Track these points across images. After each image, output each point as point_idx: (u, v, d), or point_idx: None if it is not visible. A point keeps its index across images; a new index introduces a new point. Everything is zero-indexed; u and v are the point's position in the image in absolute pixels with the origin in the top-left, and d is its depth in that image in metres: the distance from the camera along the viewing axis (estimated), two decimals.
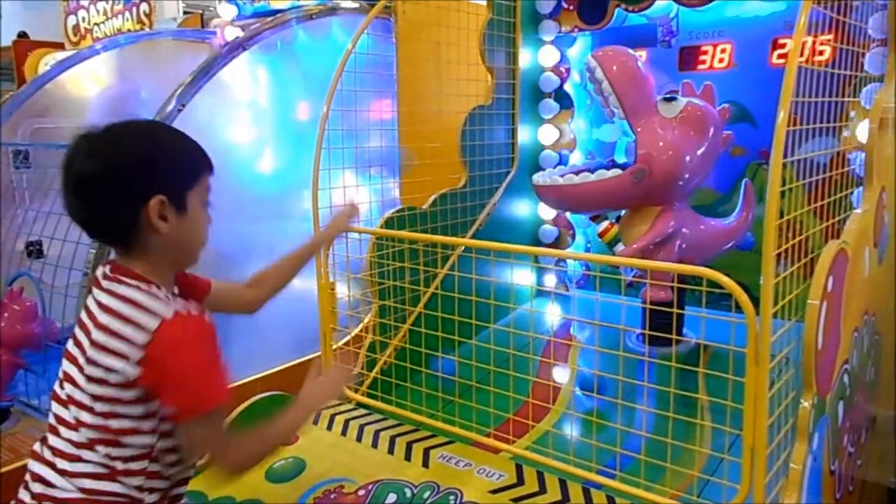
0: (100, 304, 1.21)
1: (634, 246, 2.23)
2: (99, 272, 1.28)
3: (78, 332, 1.25)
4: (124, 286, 1.21)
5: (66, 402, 1.22)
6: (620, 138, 2.40)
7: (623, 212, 2.45)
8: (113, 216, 1.21)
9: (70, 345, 1.26)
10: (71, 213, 1.24)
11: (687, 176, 2.27)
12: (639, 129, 2.23)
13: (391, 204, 2.49)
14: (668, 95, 2.29)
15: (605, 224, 2.35)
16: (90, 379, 1.18)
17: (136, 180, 1.19)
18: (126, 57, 3.87)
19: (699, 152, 2.26)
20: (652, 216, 2.29)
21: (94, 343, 1.18)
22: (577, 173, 2.27)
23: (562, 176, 2.29)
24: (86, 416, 1.19)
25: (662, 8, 2.60)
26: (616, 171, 2.18)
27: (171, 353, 1.17)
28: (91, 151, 1.19)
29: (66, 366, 1.24)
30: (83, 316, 1.26)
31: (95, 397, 1.18)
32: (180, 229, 1.24)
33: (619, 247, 2.38)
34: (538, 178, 2.38)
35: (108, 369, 1.16)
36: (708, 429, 1.73)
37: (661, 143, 2.21)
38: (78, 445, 1.20)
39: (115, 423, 1.19)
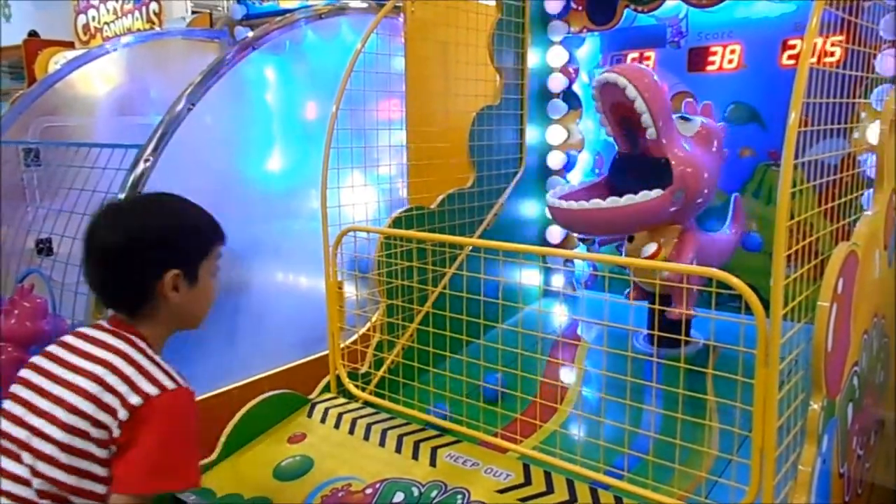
0: (89, 355, 1.24)
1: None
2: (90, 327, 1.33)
3: (42, 380, 1.25)
4: (124, 342, 1.27)
5: (17, 454, 1.20)
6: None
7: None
8: (130, 286, 1.30)
9: (25, 392, 1.25)
10: (89, 280, 1.33)
11: (712, 192, 2.29)
12: (670, 149, 2.17)
13: (399, 203, 2.49)
14: (683, 115, 2.31)
15: (653, 247, 2.21)
16: (72, 430, 1.18)
17: (155, 255, 1.29)
18: (135, 56, 3.89)
19: (716, 168, 2.29)
20: (670, 234, 2.27)
21: (84, 393, 1.19)
22: (582, 194, 2.20)
23: (587, 200, 2.13)
24: (44, 468, 1.18)
25: (672, 8, 2.59)
26: (658, 192, 2.09)
27: (162, 422, 1.20)
28: (115, 224, 1.29)
29: (25, 414, 1.22)
30: (48, 363, 1.27)
31: (70, 449, 1.18)
32: (190, 299, 1.34)
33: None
34: (556, 201, 2.22)
35: (96, 423, 1.18)
36: (716, 430, 1.72)
37: (692, 162, 2.19)
38: (24, 502, 1.18)
39: (72, 480, 1.18)
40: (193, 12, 5.80)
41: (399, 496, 1.71)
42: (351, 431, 2.02)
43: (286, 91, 3.08)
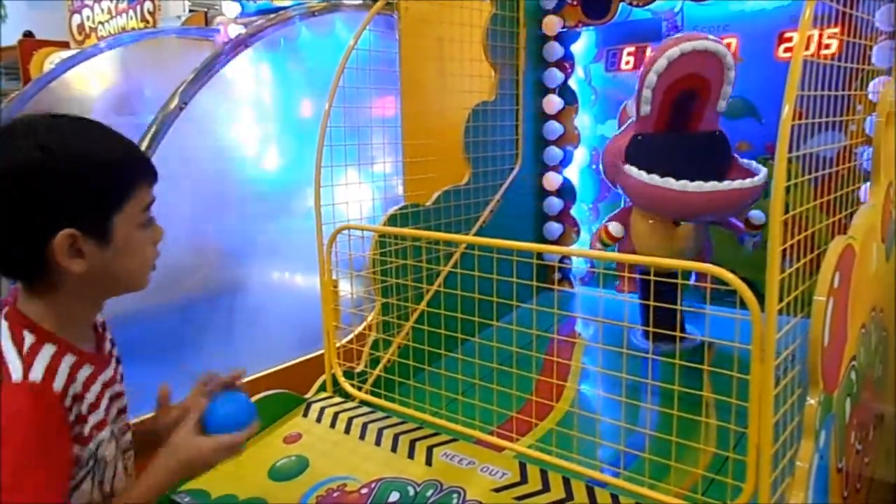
0: None
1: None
2: None
3: None
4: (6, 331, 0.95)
5: None
6: None
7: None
8: (8, 254, 0.94)
9: None
10: None
11: None
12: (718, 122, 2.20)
13: (394, 201, 2.48)
14: None
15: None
16: None
17: (31, 206, 0.90)
18: (130, 55, 3.88)
19: None
20: (686, 229, 2.26)
21: None
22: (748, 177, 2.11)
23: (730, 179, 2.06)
24: None
25: (667, 2, 2.58)
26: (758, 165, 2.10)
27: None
28: None
29: None
30: None
31: None
32: (105, 262, 0.97)
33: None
34: (657, 180, 2.06)
35: None
36: (713, 427, 1.71)
37: None
38: None
39: None
40: (191, 10, 5.78)
41: (394, 496, 1.70)
42: (347, 431, 2.01)
43: (280, 89, 3.07)
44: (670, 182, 2.04)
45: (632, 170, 2.15)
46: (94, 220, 0.95)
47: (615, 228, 2.32)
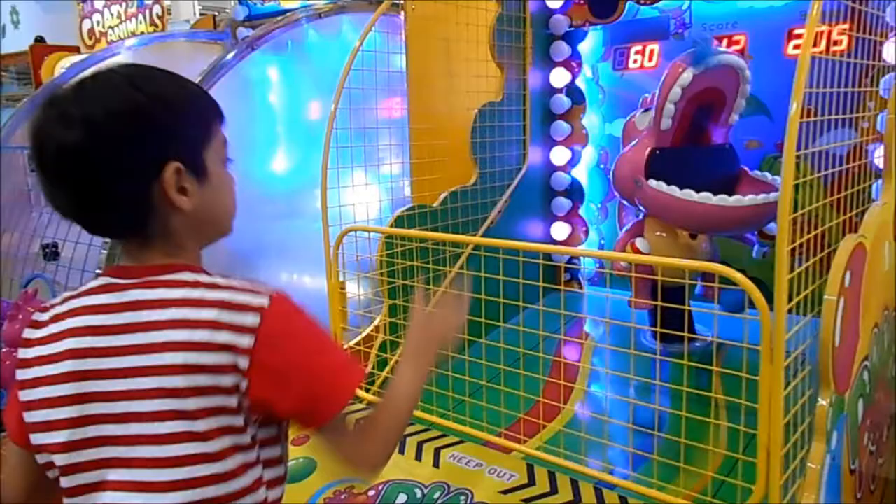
0: (149, 324, 0.87)
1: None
2: (99, 284, 0.93)
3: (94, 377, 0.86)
4: (177, 287, 0.90)
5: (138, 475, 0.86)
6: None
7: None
8: (118, 200, 0.90)
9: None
10: (56, 205, 0.92)
11: None
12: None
13: (401, 202, 2.47)
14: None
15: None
16: (195, 415, 0.85)
17: (137, 143, 0.89)
18: (139, 59, 3.89)
19: None
20: (700, 241, 2.25)
21: (174, 369, 0.85)
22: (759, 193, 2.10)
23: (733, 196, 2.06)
24: (183, 472, 0.85)
25: (675, 0, 2.56)
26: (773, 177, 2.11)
27: (291, 344, 0.89)
28: (66, 119, 0.87)
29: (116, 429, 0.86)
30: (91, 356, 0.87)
31: (207, 434, 0.85)
32: (205, 201, 0.95)
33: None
34: (678, 192, 2.09)
35: (216, 389, 0.85)
36: (723, 428, 1.69)
37: None
38: None
39: (229, 463, 0.86)
40: (201, 14, 5.81)
41: (402, 498, 1.69)
42: None
43: (288, 90, 3.08)
44: (707, 196, 2.04)
45: (660, 185, 2.13)
46: (193, 154, 0.94)
47: (642, 244, 2.29)
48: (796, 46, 2.38)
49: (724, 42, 2.52)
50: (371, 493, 1.73)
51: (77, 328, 0.91)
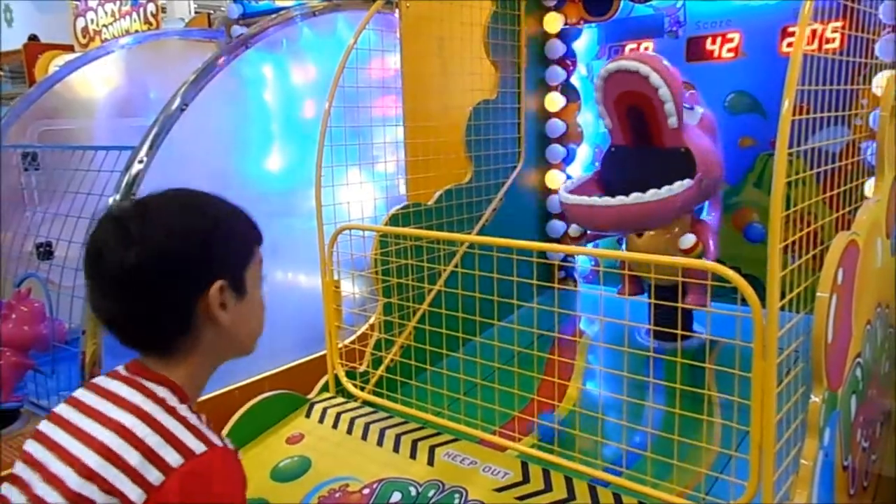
0: (100, 416, 0.95)
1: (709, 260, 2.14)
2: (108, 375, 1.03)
3: (42, 452, 0.96)
4: (147, 398, 0.96)
5: None
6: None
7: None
8: (163, 315, 0.98)
9: (23, 469, 0.98)
10: (100, 315, 1.01)
11: (721, 180, 2.30)
12: (688, 138, 2.16)
13: (396, 200, 2.47)
14: (686, 105, 2.28)
15: (692, 239, 2.12)
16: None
17: (192, 266, 0.97)
18: (133, 57, 3.88)
19: (721, 157, 2.29)
20: (685, 226, 2.24)
21: (84, 470, 0.90)
22: (590, 188, 2.21)
23: (576, 192, 2.17)
24: None
25: None
26: (689, 182, 2.07)
27: (192, 496, 0.90)
28: (129, 236, 0.94)
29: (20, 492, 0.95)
30: (52, 430, 0.99)
31: None
32: (240, 317, 1.03)
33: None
34: (573, 198, 2.17)
35: None
36: (717, 425, 1.70)
37: (709, 150, 2.20)
38: None
39: None
40: (196, 12, 5.80)
41: (396, 496, 1.70)
42: (349, 431, 2.01)
43: (282, 89, 3.06)
44: (593, 200, 2.12)
45: (564, 196, 2.23)
46: (236, 273, 1.03)
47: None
48: (790, 44, 2.38)
49: (718, 40, 2.53)
50: (365, 491, 1.73)
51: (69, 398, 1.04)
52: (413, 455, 1.84)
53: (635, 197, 2.04)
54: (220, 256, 1.01)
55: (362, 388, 2.17)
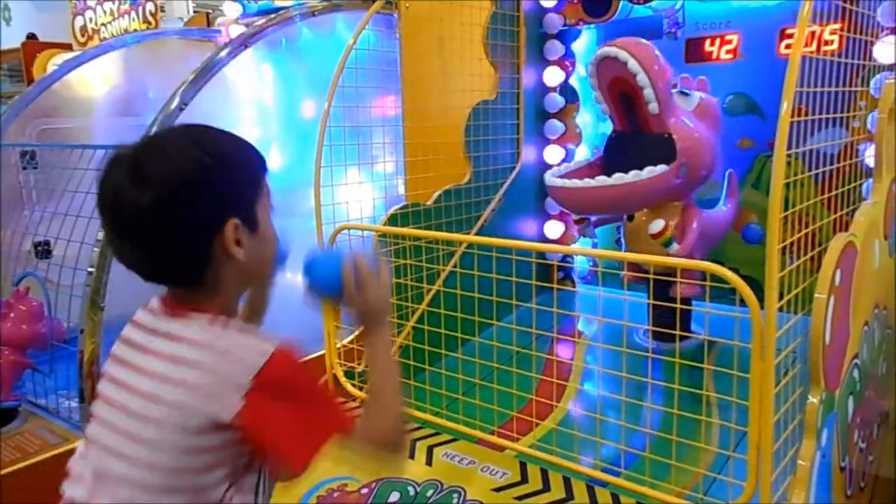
0: (164, 355, 1.00)
1: (679, 247, 2.16)
2: (144, 310, 1.08)
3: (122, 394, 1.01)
4: (198, 328, 1.00)
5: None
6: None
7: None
8: (182, 253, 1.01)
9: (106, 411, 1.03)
10: (120, 257, 1.04)
11: (714, 164, 2.28)
12: (672, 123, 2.17)
13: (395, 200, 2.47)
14: (682, 90, 2.28)
15: (660, 224, 2.19)
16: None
17: (206, 204, 0.99)
18: (132, 56, 3.87)
19: (717, 140, 2.28)
20: (675, 212, 2.25)
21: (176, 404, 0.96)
22: (582, 173, 2.22)
23: (566, 176, 2.22)
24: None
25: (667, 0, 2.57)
26: (663, 167, 2.09)
27: (287, 387, 0.98)
28: (141, 176, 0.96)
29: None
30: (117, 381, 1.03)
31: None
32: (256, 251, 1.05)
33: (674, 247, 2.18)
34: (557, 181, 2.21)
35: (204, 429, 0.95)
36: (715, 426, 1.70)
37: (696, 136, 2.19)
38: None
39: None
40: (195, 12, 5.79)
41: (395, 496, 1.70)
42: None
43: (282, 89, 3.06)
44: (574, 182, 2.15)
45: (549, 178, 2.26)
46: (247, 209, 1.04)
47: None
48: (788, 46, 2.39)
49: (717, 41, 2.53)
50: (364, 490, 1.73)
51: (121, 337, 1.08)
52: (411, 455, 1.85)
53: (603, 180, 2.08)
54: (233, 194, 1.02)
55: (361, 388, 2.17)
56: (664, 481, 1.56)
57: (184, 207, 0.97)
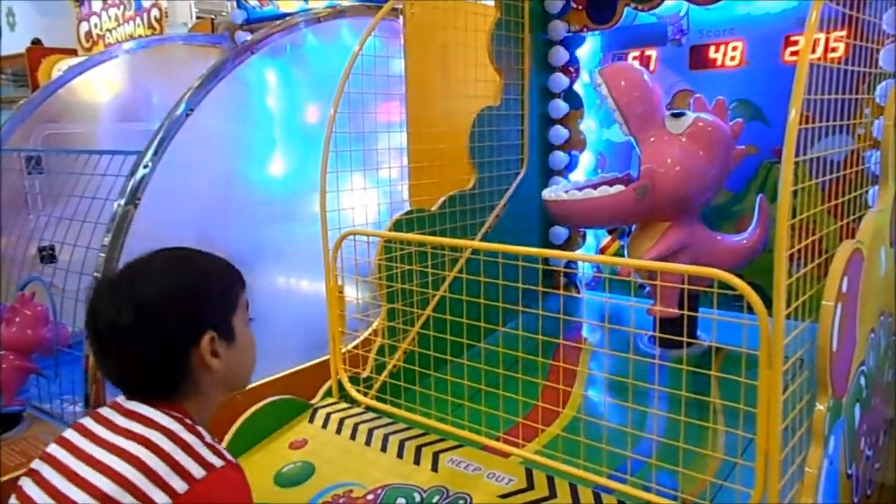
0: (127, 433, 1.04)
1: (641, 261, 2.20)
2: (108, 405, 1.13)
3: (70, 460, 1.05)
4: (169, 418, 1.06)
5: None
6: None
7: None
8: (160, 368, 1.08)
9: (49, 472, 1.06)
10: (104, 373, 1.11)
11: (694, 192, 2.25)
12: (643, 145, 2.23)
13: (400, 206, 2.48)
14: (676, 111, 2.27)
15: (606, 239, 2.32)
16: None
17: (179, 322, 1.07)
18: (137, 62, 3.89)
19: (708, 168, 2.23)
20: (659, 231, 2.27)
21: (118, 479, 0.99)
22: (583, 189, 2.27)
23: (566, 191, 2.32)
24: None
25: (672, 6, 2.57)
26: (619, 187, 2.18)
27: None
28: (120, 298, 1.06)
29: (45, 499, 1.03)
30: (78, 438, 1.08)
31: None
32: (232, 360, 1.14)
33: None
34: (547, 193, 2.40)
35: None
36: (721, 433, 1.70)
37: (666, 160, 2.19)
38: None
39: None
40: (198, 18, 5.80)
41: (400, 501, 1.69)
42: (352, 437, 2.01)
43: (286, 95, 3.08)
44: (571, 193, 2.31)
45: (546, 193, 2.42)
46: (224, 322, 1.13)
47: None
48: (793, 53, 2.39)
49: (722, 48, 2.54)
50: (370, 497, 1.72)
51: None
52: (417, 461, 1.84)
53: (573, 194, 2.28)
54: (207, 310, 1.11)
55: (365, 394, 2.17)
56: (670, 488, 1.55)
57: (159, 326, 1.06)
